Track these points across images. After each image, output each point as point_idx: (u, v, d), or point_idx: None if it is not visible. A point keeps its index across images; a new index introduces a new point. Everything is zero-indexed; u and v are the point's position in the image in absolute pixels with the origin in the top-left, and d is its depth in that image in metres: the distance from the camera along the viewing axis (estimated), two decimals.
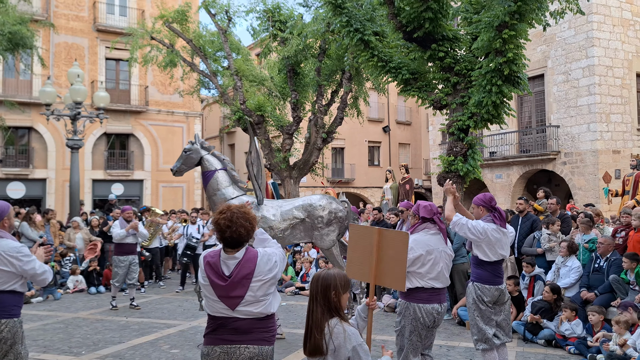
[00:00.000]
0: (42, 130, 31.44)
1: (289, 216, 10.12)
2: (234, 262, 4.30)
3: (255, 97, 23.67)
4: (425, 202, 6.76)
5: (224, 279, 4.26)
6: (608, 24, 25.35)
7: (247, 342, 4.30)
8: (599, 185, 23.27)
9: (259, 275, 4.29)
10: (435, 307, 6.36)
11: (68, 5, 32.74)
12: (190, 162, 9.98)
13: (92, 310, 13.37)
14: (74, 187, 20.28)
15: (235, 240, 4.32)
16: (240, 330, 4.30)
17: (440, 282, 6.43)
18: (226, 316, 4.30)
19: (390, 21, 13.90)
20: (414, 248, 6.27)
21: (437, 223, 6.59)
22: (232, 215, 4.32)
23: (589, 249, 11.04)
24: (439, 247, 6.47)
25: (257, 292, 4.28)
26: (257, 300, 4.29)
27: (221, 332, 4.33)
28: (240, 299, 4.24)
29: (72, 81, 19.88)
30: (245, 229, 4.33)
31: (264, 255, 4.40)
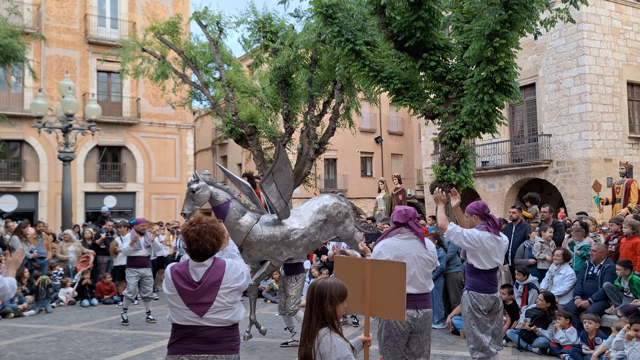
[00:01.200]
0: (33, 143, 31.34)
1: (313, 221, 10.40)
2: (203, 269, 4.40)
3: (247, 108, 23.69)
4: (400, 207, 6.61)
5: (193, 285, 4.33)
6: (598, 32, 25.46)
7: (215, 352, 4.35)
8: (591, 194, 23.29)
9: (227, 282, 4.39)
10: (410, 312, 6.14)
11: (59, 18, 32.71)
12: (202, 200, 9.49)
13: (85, 323, 13.30)
14: (66, 200, 20.22)
15: (201, 254, 4.41)
16: (209, 339, 4.34)
17: (415, 287, 6.21)
18: (195, 325, 4.34)
19: (381, 31, 13.92)
20: (382, 252, 6.26)
21: (412, 228, 6.38)
22: (201, 229, 4.40)
23: (580, 256, 11.05)
24: (412, 251, 6.27)
25: (225, 299, 4.36)
26: (225, 308, 4.37)
27: (188, 341, 4.36)
28: (208, 306, 4.30)
29: (63, 93, 19.85)
30: (212, 244, 4.41)
31: (231, 265, 4.52)
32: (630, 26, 26.74)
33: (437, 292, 11.93)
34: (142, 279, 13.37)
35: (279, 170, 10.06)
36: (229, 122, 23.61)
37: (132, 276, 13.31)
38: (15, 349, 10.63)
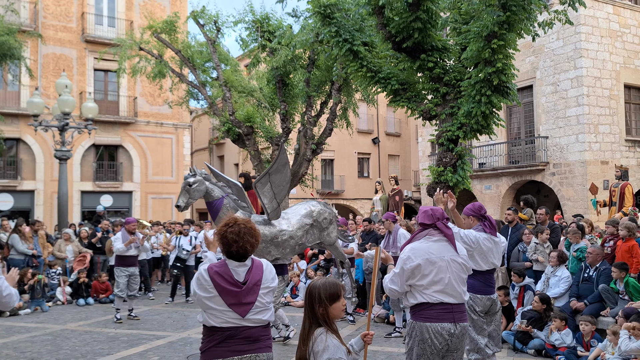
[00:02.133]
0: (30, 141, 31.29)
1: (301, 224, 10.64)
2: (244, 269, 4.41)
3: (244, 108, 23.67)
4: (426, 207, 6.02)
5: (238, 285, 4.32)
6: (596, 35, 25.48)
7: (258, 351, 4.38)
8: (587, 196, 23.30)
9: (266, 282, 4.46)
10: (446, 326, 5.45)
11: (56, 16, 32.67)
12: (197, 195, 9.68)
13: (81, 322, 13.29)
14: (62, 199, 20.18)
15: (240, 255, 4.40)
16: (251, 338, 4.36)
17: (451, 296, 5.53)
18: (236, 326, 4.32)
19: (379, 31, 13.91)
20: (412, 257, 5.58)
21: (441, 229, 5.78)
22: (240, 230, 4.38)
23: (576, 257, 11.06)
24: (445, 255, 5.63)
25: (265, 299, 4.42)
26: (264, 308, 4.42)
27: (230, 343, 4.33)
28: (251, 306, 4.33)
29: (60, 92, 19.83)
30: (252, 244, 4.41)
31: (267, 265, 4.59)
32: (628, 29, 26.76)
33: None
34: (130, 277, 13.65)
35: (277, 172, 10.17)
36: (226, 121, 23.59)
37: (122, 275, 13.55)
38: (10, 348, 10.61)
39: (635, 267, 9.99)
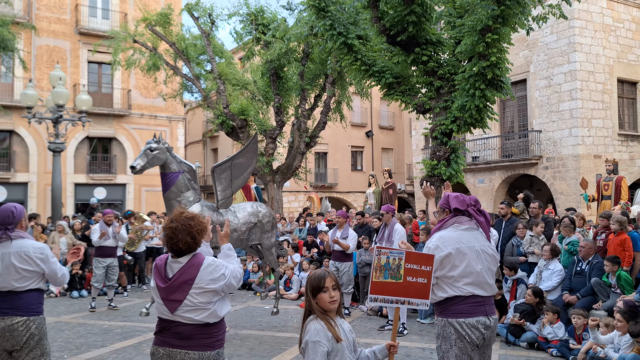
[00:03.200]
0: (23, 133, 31.19)
1: (246, 220, 10.56)
2: (178, 266, 4.38)
3: (239, 101, 23.69)
4: (454, 193, 5.54)
5: (164, 281, 4.34)
6: (590, 29, 25.51)
7: (188, 348, 4.33)
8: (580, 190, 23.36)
9: (200, 282, 4.32)
10: (482, 319, 5.09)
11: (50, 7, 32.55)
12: (155, 162, 9.44)
13: (75, 314, 13.28)
14: (55, 191, 20.13)
15: (175, 252, 4.40)
16: (182, 335, 4.34)
17: (482, 289, 5.16)
18: (169, 319, 4.35)
19: (373, 25, 13.92)
20: (441, 246, 5.17)
21: (473, 216, 5.35)
22: (177, 227, 4.37)
23: (568, 251, 11.10)
24: (475, 244, 5.22)
25: (197, 299, 4.32)
26: (197, 308, 4.33)
27: (165, 334, 4.39)
28: (178, 304, 4.29)
29: (54, 84, 19.75)
30: (186, 243, 4.37)
31: (209, 265, 4.41)
32: (622, 23, 26.80)
33: None
34: (108, 268, 13.89)
35: (241, 162, 10.20)
36: (220, 114, 23.61)
37: (99, 266, 13.81)
38: None
39: (627, 261, 10.03)
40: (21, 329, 5.52)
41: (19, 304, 5.55)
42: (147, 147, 9.31)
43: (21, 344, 5.54)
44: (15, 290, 5.52)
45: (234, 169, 10.15)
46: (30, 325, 5.56)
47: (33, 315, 5.62)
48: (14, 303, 5.53)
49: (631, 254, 10.09)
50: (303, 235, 17.70)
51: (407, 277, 5.02)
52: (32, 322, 5.58)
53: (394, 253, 5.11)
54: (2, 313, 5.52)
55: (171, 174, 9.58)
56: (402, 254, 5.07)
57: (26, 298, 5.58)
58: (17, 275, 5.51)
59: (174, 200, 9.59)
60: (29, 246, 5.61)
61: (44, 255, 5.62)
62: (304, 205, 30.77)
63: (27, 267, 5.53)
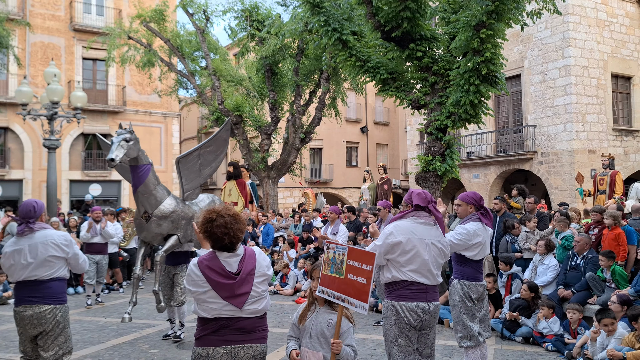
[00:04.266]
0: (18, 130, 31.15)
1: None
2: (236, 259, 4.32)
3: (233, 97, 23.69)
4: (418, 189, 6.14)
5: (231, 277, 4.25)
6: (584, 24, 25.55)
7: (251, 342, 4.33)
8: (574, 185, 23.43)
9: (261, 269, 4.39)
10: (421, 305, 5.66)
11: (44, 4, 32.47)
12: (131, 154, 8.74)
13: (70, 311, 13.24)
14: (51, 188, 20.11)
15: (228, 246, 4.31)
16: (245, 329, 4.31)
17: (425, 278, 5.69)
18: (230, 317, 4.28)
19: (368, 21, 13.94)
20: (394, 233, 5.72)
21: (432, 212, 5.92)
22: (226, 222, 4.28)
23: (562, 245, 11.13)
24: (427, 237, 5.78)
25: (260, 287, 4.35)
26: (260, 297, 4.35)
27: (224, 332, 4.28)
28: (247, 296, 4.26)
29: (48, 81, 19.72)
30: (241, 231, 4.35)
31: (260, 252, 4.50)
32: (616, 18, 26.85)
33: None
34: (98, 265, 14.01)
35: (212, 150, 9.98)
36: (215, 110, 23.62)
37: (90, 262, 13.70)
38: (0, 337, 10.61)
39: (622, 255, 10.08)
40: (49, 316, 5.92)
41: (47, 293, 5.95)
42: (121, 137, 8.60)
43: (47, 330, 5.93)
44: (42, 279, 5.92)
45: (203, 157, 9.88)
46: (56, 313, 5.98)
47: (59, 303, 6.04)
48: (42, 292, 5.94)
49: (625, 248, 10.13)
50: (298, 231, 17.72)
51: (349, 274, 5.21)
52: (58, 311, 6.00)
53: (339, 248, 5.43)
54: (30, 301, 5.92)
55: (143, 166, 9.03)
56: (345, 250, 5.35)
57: (52, 287, 5.98)
58: (45, 264, 5.91)
59: (149, 194, 9.05)
60: (54, 234, 6.06)
61: (67, 241, 6.11)
62: (299, 201, 30.78)
63: (54, 254, 5.96)
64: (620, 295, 8.84)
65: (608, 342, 8.03)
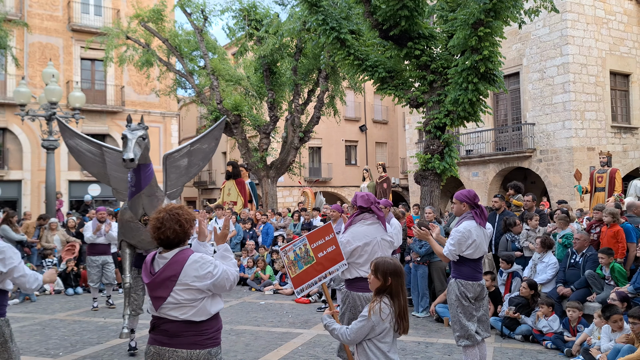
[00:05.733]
0: (16, 131, 31.12)
1: None
2: (163, 261, 4.23)
3: (232, 96, 23.70)
4: (362, 193, 7.00)
5: (148, 276, 4.23)
6: (582, 22, 25.55)
7: (176, 346, 4.18)
8: (573, 182, 23.45)
9: (185, 279, 4.15)
10: (369, 295, 6.29)
11: (42, 4, 32.43)
12: (146, 152, 8.13)
13: (70, 312, 13.27)
14: (50, 188, 20.10)
15: (164, 242, 4.24)
16: (169, 332, 4.20)
17: None
18: (157, 316, 4.24)
19: (366, 19, 13.94)
20: (351, 240, 6.62)
21: (374, 212, 6.79)
22: (164, 217, 4.23)
23: (562, 244, 11.13)
24: (377, 236, 6.71)
25: (181, 295, 4.15)
26: (181, 305, 4.16)
27: (155, 332, 4.27)
28: (162, 301, 4.15)
29: (46, 81, 19.72)
30: (174, 231, 4.22)
31: (195, 261, 4.22)
32: (614, 16, 26.86)
33: (422, 280, 11.99)
34: (104, 265, 13.66)
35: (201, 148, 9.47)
36: (213, 110, 23.63)
37: (93, 265, 13.63)
38: None
39: (621, 252, 10.07)
40: None
41: None
42: (137, 134, 7.86)
43: None
44: None
45: (193, 155, 9.41)
46: None
47: None
48: None
49: (624, 246, 10.13)
50: (297, 230, 17.71)
51: (318, 253, 6.47)
52: None
53: (296, 243, 6.45)
54: None
55: (150, 165, 8.34)
56: (303, 239, 6.56)
57: None
58: None
59: (152, 196, 8.51)
60: None
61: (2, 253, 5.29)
62: (299, 200, 30.78)
63: None
64: (619, 292, 8.85)
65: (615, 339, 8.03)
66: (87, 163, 9.45)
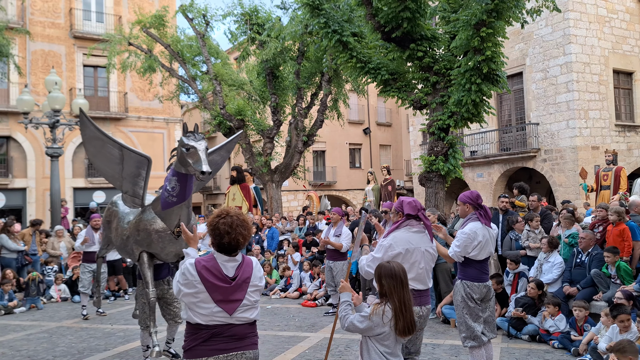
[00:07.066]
0: (20, 139, 31.16)
1: None
2: (234, 264, 4.27)
3: (235, 101, 23.71)
4: (408, 198, 6.38)
5: (227, 281, 4.20)
6: (584, 20, 25.51)
7: (244, 348, 4.27)
8: (578, 182, 23.39)
9: (255, 280, 4.34)
10: (416, 310, 5.75)
11: (44, 12, 32.49)
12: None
13: (77, 319, 13.26)
14: (54, 196, 20.13)
15: (232, 247, 4.26)
16: (237, 336, 4.24)
17: (422, 284, 6.10)
18: (222, 324, 4.20)
19: (368, 22, 13.94)
20: (393, 245, 6.00)
21: (422, 220, 6.21)
22: (233, 222, 4.24)
23: (568, 244, 11.10)
24: (422, 246, 6.11)
25: (253, 297, 4.30)
26: (252, 306, 4.30)
27: (216, 341, 4.19)
28: (238, 303, 4.20)
29: (49, 89, 19.76)
30: (244, 237, 4.28)
31: (257, 263, 4.46)
32: (616, 14, 26.82)
33: None
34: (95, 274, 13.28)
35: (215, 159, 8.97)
36: (217, 115, 23.63)
37: (86, 271, 13.58)
38: (6, 346, 10.60)
39: (626, 251, 10.05)
40: None
41: None
42: (204, 145, 7.38)
43: None
44: None
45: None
46: None
47: None
48: None
49: (630, 244, 10.10)
50: (303, 235, 17.71)
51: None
52: None
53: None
54: None
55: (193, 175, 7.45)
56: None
57: None
58: None
59: (188, 206, 7.89)
60: None
61: None
62: (303, 204, 30.78)
63: None
64: (625, 291, 8.82)
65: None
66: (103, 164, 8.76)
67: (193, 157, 7.22)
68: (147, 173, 8.30)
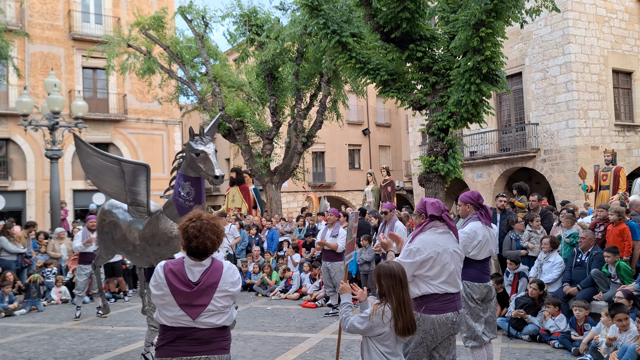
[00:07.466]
0: (20, 141, 31.15)
1: None
2: (201, 269, 4.23)
3: (234, 102, 23.72)
4: (431, 199, 6.10)
5: (189, 285, 4.16)
6: (583, 20, 25.52)
7: (208, 353, 4.22)
8: (578, 181, 23.38)
9: (224, 285, 4.24)
10: (450, 316, 5.60)
11: (42, 14, 32.49)
12: None
13: (77, 321, 13.26)
14: (54, 198, 20.12)
15: (200, 252, 4.22)
16: (201, 340, 4.21)
17: (453, 286, 5.70)
18: (187, 326, 4.19)
19: (367, 22, 13.92)
20: (421, 249, 5.65)
21: (446, 221, 5.89)
22: (202, 226, 4.21)
23: (569, 244, 11.10)
24: (449, 247, 5.77)
25: (220, 302, 4.22)
26: (219, 312, 4.22)
27: (180, 343, 4.21)
28: (202, 308, 4.15)
29: (49, 91, 19.75)
30: (212, 241, 4.23)
31: (229, 268, 4.36)
32: (615, 14, 26.83)
33: None
34: (93, 275, 13.25)
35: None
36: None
37: (82, 274, 13.62)
38: (7, 349, 10.59)
39: (627, 250, 10.05)
40: None
41: None
42: (213, 148, 7.39)
43: None
44: None
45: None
46: None
47: None
48: None
49: (630, 244, 10.11)
50: (302, 236, 17.71)
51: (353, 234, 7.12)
52: None
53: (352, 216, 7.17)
54: None
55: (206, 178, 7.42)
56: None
57: None
58: None
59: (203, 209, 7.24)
60: None
61: None
62: (303, 205, 30.79)
63: None
64: (625, 290, 8.83)
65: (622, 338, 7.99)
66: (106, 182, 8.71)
67: (204, 161, 7.21)
68: (148, 180, 8.31)
